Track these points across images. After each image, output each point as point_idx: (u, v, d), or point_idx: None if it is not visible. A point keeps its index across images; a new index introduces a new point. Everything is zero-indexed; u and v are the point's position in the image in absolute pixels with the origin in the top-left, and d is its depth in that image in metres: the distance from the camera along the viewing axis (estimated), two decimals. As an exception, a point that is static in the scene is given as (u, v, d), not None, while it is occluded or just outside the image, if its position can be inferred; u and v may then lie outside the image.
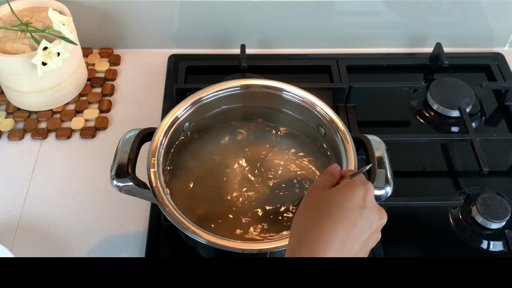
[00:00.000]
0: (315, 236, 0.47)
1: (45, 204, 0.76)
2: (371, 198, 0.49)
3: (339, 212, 0.47)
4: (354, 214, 0.48)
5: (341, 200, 0.48)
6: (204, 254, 0.69)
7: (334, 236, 0.46)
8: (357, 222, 0.47)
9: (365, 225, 0.48)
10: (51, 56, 0.78)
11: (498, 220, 0.73)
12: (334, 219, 0.47)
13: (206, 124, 0.75)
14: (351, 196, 0.48)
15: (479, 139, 0.82)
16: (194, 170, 0.71)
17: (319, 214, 0.48)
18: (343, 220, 0.47)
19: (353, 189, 0.49)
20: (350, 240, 0.47)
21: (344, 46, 1.00)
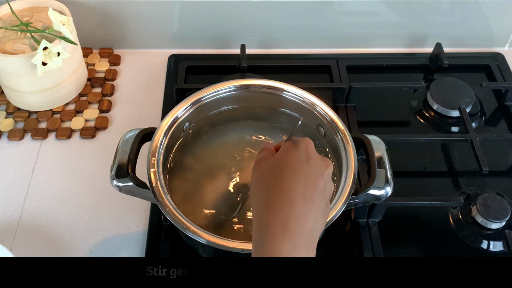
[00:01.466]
0: (277, 196, 0.48)
1: (45, 204, 0.76)
2: (312, 150, 0.52)
3: (290, 169, 0.50)
4: (303, 166, 0.50)
5: (287, 159, 0.51)
6: (204, 254, 0.69)
7: (294, 189, 0.48)
8: (308, 172, 0.50)
9: (317, 174, 0.50)
10: (51, 56, 0.78)
11: (498, 220, 0.73)
12: (288, 175, 0.49)
13: (206, 124, 0.75)
14: (294, 152, 0.51)
15: (479, 139, 0.82)
16: (194, 170, 0.71)
17: (272, 178, 0.50)
18: (296, 174, 0.49)
19: (294, 146, 0.52)
20: (309, 190, 0.49)
21: (344, 46, 1.00)
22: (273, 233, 0.47)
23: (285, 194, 0.48)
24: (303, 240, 0.47)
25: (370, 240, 0.73)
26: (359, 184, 0.77)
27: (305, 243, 0.47)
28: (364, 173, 0.78)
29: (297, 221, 0.47)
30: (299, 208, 0.48)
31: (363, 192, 0.64)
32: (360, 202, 0.65)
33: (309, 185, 0.49)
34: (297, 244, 0.46)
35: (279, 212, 0.48)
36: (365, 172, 0.78)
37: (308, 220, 0.48)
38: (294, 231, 0.47)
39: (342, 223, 0.75)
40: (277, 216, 0.47)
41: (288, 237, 0.46)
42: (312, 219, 0.48)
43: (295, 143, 0.52)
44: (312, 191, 0.49)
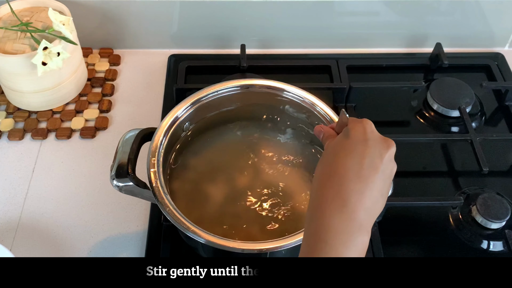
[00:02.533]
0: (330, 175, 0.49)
1: (45, 204, 0.76)
2: (371, 130, 0.52)
3: (344, 149, 0.50)
4: (359, 147, 0.50)
5: (345, 139, 0.51)
6: (204, 254, 0.69)
7: (347, 168, 0.48)
8: (364, 152, 0.49)
9: (373, 154, 0.49)
10: (51, 56, 0.78)
11: (498, 220, 0.73)
12: (342, 155, 0.49)
13: (206, 124, 0.75)
14: (351, 134, 0.51)
15: (479, 139, 0.82)
16: (194, 170, 0.71)
17: (332, 158, 0.50)
18: (350, 154, 0.49)
19: (351, 128, 0.51)
20: (364, 169, 0.48)
21: (344, 46, 1.00)
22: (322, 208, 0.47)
23: (337, 172, 0.48)
24: (356, 217, 0.47)
25: (370, 240, 0.72)
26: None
27: (359, 220, 0.47)
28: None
29: (347, 197, 0.47)
30: (350, 185, 0.47)
31: (363, 192, 0.64)
32: (360, 202, 0.65)
33: (364, 165, 0.48)
34: (347, 219, 0.46)
35: (329, 188, 0.48)
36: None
37: (362, 198, 0.47)
38: (344, 207, 0.47)
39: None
40: (327, 192, 0.48)
41: (336, 212, 0.46)
42: (367, 197, 0.48)
43: (353, 124, 0.52)
44: (368, 170, 0.48)
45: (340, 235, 0.46)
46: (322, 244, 0.46)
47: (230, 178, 0.70)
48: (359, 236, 0.47)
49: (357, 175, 0.48)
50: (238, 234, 0.65)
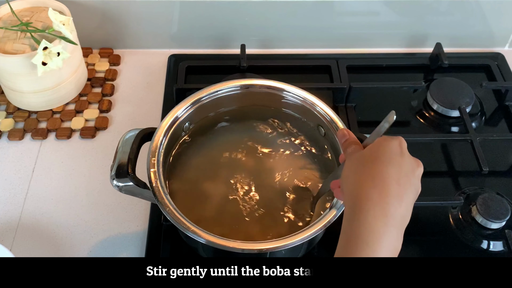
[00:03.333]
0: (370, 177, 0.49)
1: (45, 204, 0.76)
2: (405, 147, 0.53)
3: (384, 157, 0.50)
4: (397, 158, 0.50)
5: (382, 149, 0.51)
6: (204, 254, 0.69)
7: (388, 173, 0.49)
8: (401, 165, 0.50)
9: (409, 169, 0.51)
10: (51, 56, 0.78)
11: (498, 220, 0.73)
12: (382, 161, 0.50)
13: (206, 124, 0.75)
14: (390, 145, 0.51)
15: (479, 139, 0.82)
16: (194, 170, 0.71)
17: (366, 164, 0.50)
18: (390, 162, 0.50)
19: (389, 141, 0.52)
20: (401, 178, 0.49)
21: (344, 46, 1.00)
22: (366, 208, 0.47)
23: (379, 175, 0.49)
24: (396, 223, 0.47)
25: (370, 240, 0.73)
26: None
27: (397, 226, 0.47)
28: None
29: (390, 201, 0.47)
30: (393, 190, 0.48)
31: (363, 192, 0.64)
32: (360, 202, 0.65)
33: (402, 175, 0.49)
34: (389, 224, 0.47)
35: (372, 189, 0.48)
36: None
37: (401, 203, 0.48)
38: (387, 210, 0.47)
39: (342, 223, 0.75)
40: (371, 193, 0.48)
41: (381, 214, 0.47)
42: (404, 204, 0.48)
43: (389, 138, 0.53)
44: (404, 180, 0.49)
45: (383, 239, 0.46)
46: (363, 245, 0.46)
47: (230, 178, 0.70)
48: (398, 244, 0.48)
49: (397, 182, 0.48)
50: (238, 234, 0.65)
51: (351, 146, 0.56)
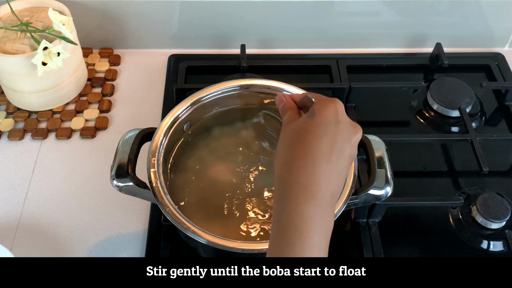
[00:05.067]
0: (300, 155, 0.48)
1: (45, 204, 0.76)
2: (342, 112, 0.51)
3: (316, 129, 0.48)
4: (331, 129, 0.49)
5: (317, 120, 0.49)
6: (204, 254, 0.69)
7: (319, 149, 0.47)
8: (336, 135, 0.49)
9: (344, 138, 0.49)
10: (51, 56, 0.78)
11: (498, 220, 0.73)
12: (314, 135, 0.48)
13: (206, 124, 0.75)
14: (326, 114, 0.49)
15: (479, 139, 0.82)
16: (194, 170, 0.71)
17: (298, 138, 0.49)
18: (322, 135, 0.48)
19: (324, 107, 0.50)
20: (334, 153, 0.48)
21: (344, 46, 1.00)
22: (295, 194, 0.46)
23: (309, 154, 0.47)
24: (326, 203, 0.47)
25: (370, 240, 0.73)
26: (359, 184, 0.77)
27: (327, 205, 0.47)
28: (364, 173, 0.78)
29: (320, 182, 0.47)
30: (322, 169, 0.47)
31: (363, 192, 0.64)
32: (360, 202, 0.65)
33: (335, 148, 0.48)
34: (319, 205, 0.46)
35: (301, 171, 0.47)
36: (365, 172, 0.78)
37: (331, 182, 0.47)
38: (316, 193, 0.46)
39: (342, 223, 0.75)
40: (299, 176, 0.47)
41: (310, 198, 0.46)
42: (334, 182, 0.48)
43: (324, 105, 0.50)
44: (337, 154, 0.48)
45: (314, 224, 0.46)
46: (297, 233, 0.45)
47: (231, 178, 0.70)
48: (330, 221, 0.47)
49: (328, 159, 0.47)
50: (238, 234, 0.65)
51: (287, 113, 0.53)
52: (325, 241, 0.46)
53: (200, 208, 0.67)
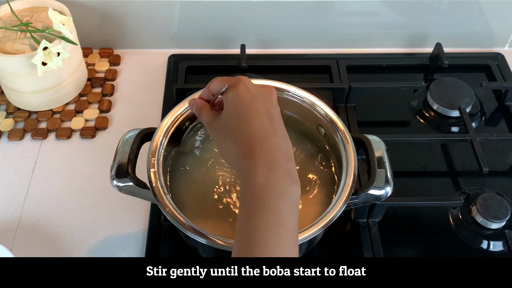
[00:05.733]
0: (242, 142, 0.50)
1: (45, 204, 0.76)
2: (251, 85, 0.53)
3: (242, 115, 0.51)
4: (251, 106, 0.51)
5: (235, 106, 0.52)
6: (204, 254, 0.69)
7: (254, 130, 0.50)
8: (259, 107, 0.51)
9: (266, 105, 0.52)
10: (51, 56, 0.78)
11: (498, 220, 0.73)
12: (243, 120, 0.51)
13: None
14: (240, 96, 0.52)
15: (479, 139, 0.82)
16: (194, 170, 0.71)
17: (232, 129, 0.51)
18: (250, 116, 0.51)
19: (235, 90, 0.52)
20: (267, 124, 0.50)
21: (344, 46, 1.00)
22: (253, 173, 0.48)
23: (248, 137, 0.49)
24: (285, 169, 0.48)
25: (370, 240, 0.73)
26: (359, 184, 0.77)
27: (286, 171, 0.48)
28: (364, 173, 0.78)
29: (267, 152, 0.48)
30: (268, 143, 0.49)
31: (363, 192, 0.64)
32: (360, 202, 0.65)
33: (265, 119, 0.50)
34: (278, 174, 0.48)
35: (252, 154, 0.49)
36: (365, 172, 0.78)
37: (280, 149, 0.49)
38: (268, 160, 0.48)
39: (342, 223, 0.75)
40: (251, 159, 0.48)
41: (263, 167, 0.48)
42: (283, 146, 0.50)
43: (236, 89, 0.53)
44: (270, 122, 0.51)
45: (276, 190, 0.47)
46: (260, 203, 0.46)
47: (231, 178, 0.70)
48: (293, 186, 0.48)
49: (266, 132, 0.50)
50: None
51: (202, 113, 0.57)
52: (291, 208, 0.47)
53: (200, 208, 0.67)
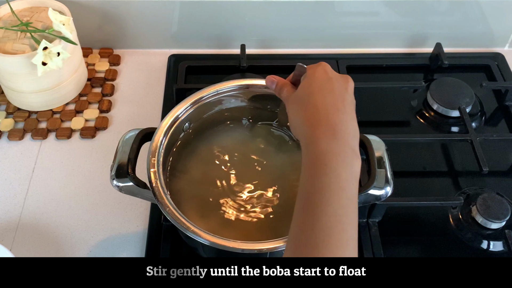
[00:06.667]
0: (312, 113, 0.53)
1: (45, 204, 0.76)
2: (331, 70, 0.57)
3: (317, 91, 0.55)
4: (327, 86, 0.55)
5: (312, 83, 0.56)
6: (204, 254, 0.69)
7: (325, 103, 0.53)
8: (334, 88, 0.55)
9: (340, 88, 0.55)
10: (51, 56, 0.78)
11: (498, 220, 0.73)
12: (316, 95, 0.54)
13: (206, 124, 0.75)
14: (317, 76, 0.56)
15: (479, 139, 0.82)
16: (194, 170, 0.71)
17: (305, 101, 0.55)
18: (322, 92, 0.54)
19: (314, 72, 0.57)
20: (338, 102, 0.54)
21: (344, 46, 1.00)
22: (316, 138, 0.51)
23: (319, 109, 0.53)
24: (347, 141, 0.51)
25: (370, 240, 0.73)
26: (359, 184, 0.77)
27: (349, 144, 0.51)
28: (364, 173, 0.77)
29: (336, 126, 0.51)
30: (335, 117, 0.52)
31: (363, 192, 0.64)
32: (360, 202, 0.65)
33: (337, 99, 0.54)
34: (340, 144, 0.50)
35: (318, 123, 0.52)
36: (365, 172, 0.78)
37: (347, 126, 0.52)
38: (336, 133, 0.51)
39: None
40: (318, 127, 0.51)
41: (331, 138, 0.50)
42: (350, 125, 0.53)
43: (313, 69, 0.57)
44: (342, 102, 0.54)
45: (338, 157, 0.49)
46: (322, 166, 0.49)
47: (231, 178, 0.70)
48: (354, 159, 0.51)
49: (335, 108, 0.53)
50: (239, 234, 0.65)
51: (283, 89, 0.61)
52: (351, 178, 0.50)
53: (200, 208, 0.67)
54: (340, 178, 0.49)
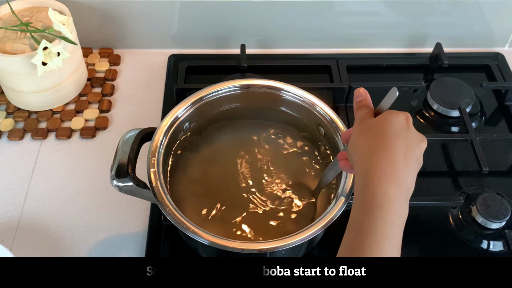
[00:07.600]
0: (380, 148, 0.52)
1: (45, 204, 0.76)
2: (411, 122, 0.55)
3: (393, 131, 0.53)
4: (404, 133, 0.53)
5: (390, 123, 0.54)
6: (204, 254, 0.69)
7: (396, 146, 0.52)
8: (408, 139, 0.53)
9: (414, 143, 0.54)
10: (51, 56, 0.78)
11: (498, 220, 0.73)
12: (390, 134, 0.53)
13: (206, 124, 0.75)
14: (398, 120, 0.54)
15: (479, 139, 0.82)
16: (194, 170, 0.71)
17: (375, 134, 0.53)
18: (397, 135, 0.53)
19: (396, 115, 0.55)
20: (408, 152, 0.52)
21: (344, 46, 1.00)
22: (378, 176, 0.50)
23: (388, 147, 0.51)
24: (404, 190, 0.50)
25: (370, 240, 0.73)
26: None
27: (405, 195, 0.50)
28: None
29: (399, 173, 0.50)
30: (400, 163, 0.51)
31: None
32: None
33: (408, 148, 0.52)
34: (399, 191, 0.50)
35: (383, 159, 0.51)
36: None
37: (408, 175, 0.51)
38: (397, 179, 0.50)
39: (342, 223, 0.75)
40: (382, 163, 0.50)
41: (392, 181, 0.49)
42: (410, 177, 0.51)
43: (396, 113, 0.55)
44: (410, 153, 0.52)
45: (394, 204, 0.49)
46: (379, 208, 0.48)
47: (231, 178, 0.70)
48: (406, 209, 0.50)
49: (404, 155, 0.51)
50: (239, 234, 0.65)
51: (364, 109, 0.58)
52: (400, 227, 0.49)
53: (200, 208, 0.67)
54: (392, 225, 0.49)
